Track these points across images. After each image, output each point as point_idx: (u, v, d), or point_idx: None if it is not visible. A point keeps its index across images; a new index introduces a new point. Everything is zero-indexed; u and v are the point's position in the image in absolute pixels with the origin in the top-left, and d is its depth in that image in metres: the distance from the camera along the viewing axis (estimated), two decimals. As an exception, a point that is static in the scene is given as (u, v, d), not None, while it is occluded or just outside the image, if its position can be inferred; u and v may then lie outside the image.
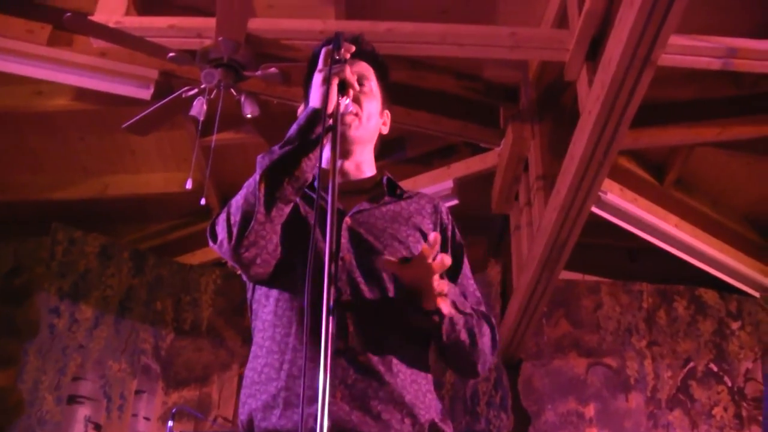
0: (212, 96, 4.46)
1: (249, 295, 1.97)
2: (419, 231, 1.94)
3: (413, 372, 1.80)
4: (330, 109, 1.74)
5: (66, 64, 4.93)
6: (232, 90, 4.50)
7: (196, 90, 4.49)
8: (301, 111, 1.99)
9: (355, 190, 1.97)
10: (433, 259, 1.66)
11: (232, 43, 4.31)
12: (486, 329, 1.90)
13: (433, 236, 1.66)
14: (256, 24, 4.48)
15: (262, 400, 1.77)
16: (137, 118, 4.71)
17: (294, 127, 1.78)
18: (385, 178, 2.03)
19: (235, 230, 1.73)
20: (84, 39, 4.79)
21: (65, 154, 6.10)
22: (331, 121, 1.74)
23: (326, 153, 1.75)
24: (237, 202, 1.77)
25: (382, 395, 1.72)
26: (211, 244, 1.83)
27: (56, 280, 5.95)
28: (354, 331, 1.75)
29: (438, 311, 1.73)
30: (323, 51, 1.83)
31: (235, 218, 1.74)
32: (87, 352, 5.83)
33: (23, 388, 5.57)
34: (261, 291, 1.90)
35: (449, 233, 2.02)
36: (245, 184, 1.78)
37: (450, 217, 2.05)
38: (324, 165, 1.73)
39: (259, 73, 4.40)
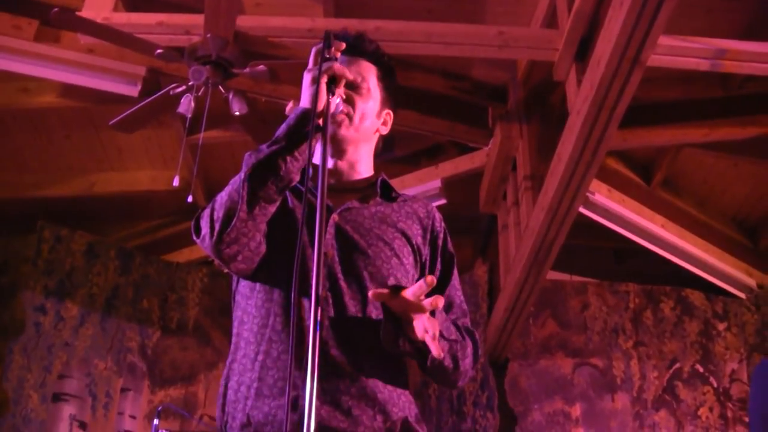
0: (200, 93, 4.44)
1: (233, 286, 1.96)
2: (405, 236, 1.93)
3: (388, 372, 1.80)
4: (320, 107, 1.73)
5: (53, 61, 4.90)
6: (220, 87, 4.48)
7: (183, 87, 4.47)
8: (290, 109, 1.98)
9: (347, 189, 1.96)
10: (426, 296, 1.65)
11: (221, 40, 4.29)
12: (469, 349, 1.90)
13: (430, 279, 1.63)
14: (244, 21, 4.47)
15: (239, 391, 1.77)
16: (124, 115, 4.69)
17: (283, 127, 1.78)
18: (379, 180, 2.02)
19: (217, 226, 1.74)
20: (71, 35, 4.76)
21: (51, 152, 6.07)
22: (321, 121, 1.73)
23: (317, 152, 1.74)
24: (221, 198, 1.77)
25: (353, 391, 1.72)
26: (194, 237, 1.83)
27: (42, 278, 5.92)
28: (329, 326, 1.75)
29: (422, 343, 1.72)
30: (313, 50, 1.82)
31: (218, 214, 1.75)
32: (72, 350, 5.81)
33: (8, 386, 5.54)
34: (245, 283, 1.90)
35: (440, 241, 2.01)
36: (231, 181, 1.78)
37: (443, 224, 2.04)
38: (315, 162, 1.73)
39: (247, 70, 4.38)
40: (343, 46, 1.81)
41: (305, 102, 1.78)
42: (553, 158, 4.32)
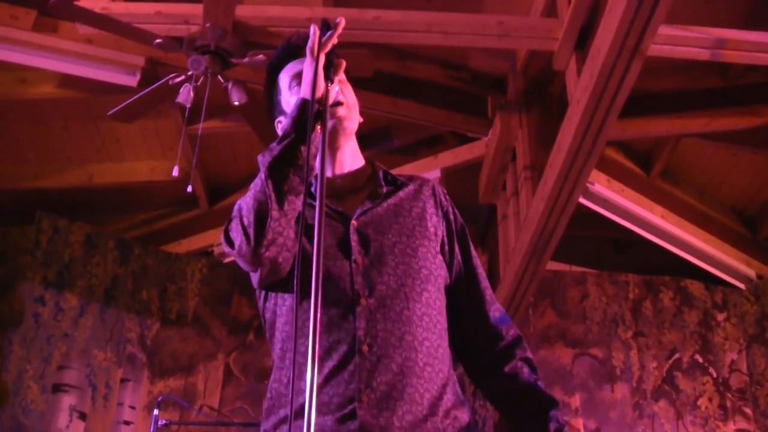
0: (199, 83, 4.42)
1: (261, 303, 1.93)
2: (421, 219, 1.94)
3: (435, 367, 1.81)
4: (318, 94, 1.73)
5: (51, 51, 4.88)
6: (219, 77, 4.46)
7: (182, 77, 4.46)
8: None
9: (351, 188, 1.97)
10: None
11: (220, 29, 4.28)
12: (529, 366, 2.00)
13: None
14: (243, 11, 4.45)
15: (289, 411, 1.75)
16: (123, 105, 4.67)
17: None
18: (381, 172, 2.02)
19: (251, 231, 1.71)
20: (70, 25, 4.75)
21: (49, 143, 6.05)
22: (322, 112, 1.74)
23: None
24: (246, 204, 1.75)
25: (406, 397, 1.72)
26: (228, 250, 1.79)
27: (41, 269, 5.91)
28: (378, 333, 1.76)
29: None
30: (311, 39, 1.80)
31: (249, 219, 1.72)
32: (72, 341, 5.80)
33: (7, 377, 5.53)
34: (278, 302, 1.87)
35: (451, 216, 2.03)
36: (251, 186, 1.77)
37: (447, 198, 2.06)
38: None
39: (246, 60, 4.37)
40: (342, 26, 1.79)
41: (305, 91, 1.79)
42: (553, 148, 4.32)
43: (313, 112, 1.71)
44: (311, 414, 1.34)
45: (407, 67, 5.26)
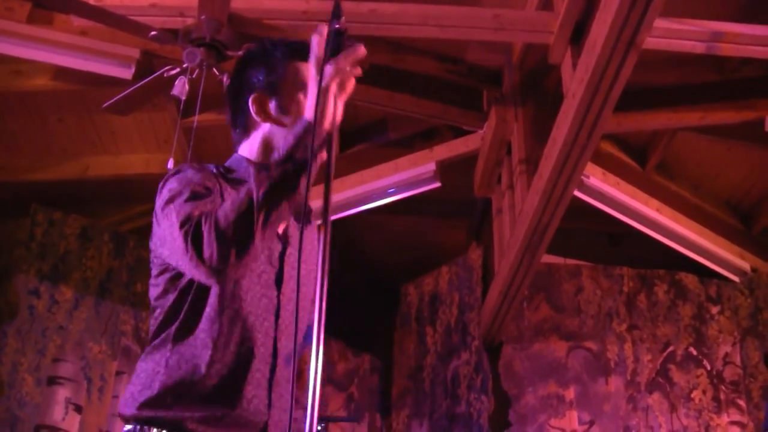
0: (194, 76, 4.41)
1: (168, 277, 1.86)
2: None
3: None
4: (327, 126, 1.67)
5: (46, 43, 4.85)
6: (215, 70, 4.45)
7: (178, 69, 4.45)
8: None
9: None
10: None
11: (215, 22, 4.27)
12: None
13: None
14: (238, 3, 4.44)
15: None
16: (118, 97, 4.66)
17: (292, 141, 1.69)
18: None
19: (233, 247, 1.61)
20: (64, 17, 4.72)
21: (45, 135, 6.03)
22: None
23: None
24: (227, 218, 1.63)
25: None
26: (188, 256, 1.66)
27: (36, 261, 5.90)
28: (281, 380, 1.82)
29: None
30: (316, 47, 1.73)
31: (230, 235, 1.62)
32: (67, 334, 5.80)
33: (2, 369, 5.53)
34: (198, 291, 1.81)
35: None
36: (233, 199, 1.67)
37: None
38: None
39: (241, 53, 4.35)
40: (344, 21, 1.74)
41: (309, 112, 1.70)
42: (548, 142, 4.32)
43: (321, 138, 1.65)
44: (313, 416, 1.36)
45: (403, 60, 5.25)
